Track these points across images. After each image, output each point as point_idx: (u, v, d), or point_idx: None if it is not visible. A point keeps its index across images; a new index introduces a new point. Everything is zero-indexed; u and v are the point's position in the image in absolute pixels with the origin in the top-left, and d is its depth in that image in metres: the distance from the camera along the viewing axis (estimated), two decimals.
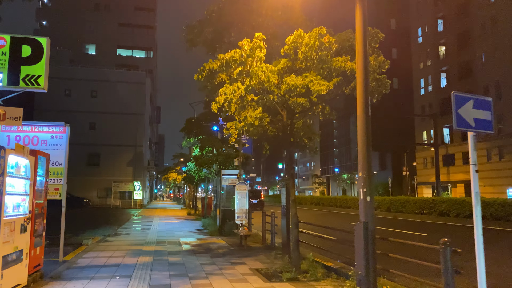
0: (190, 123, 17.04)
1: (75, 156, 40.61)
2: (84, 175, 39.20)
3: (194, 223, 18.70)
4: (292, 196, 7.53)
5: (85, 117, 39.71)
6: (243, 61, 6.06)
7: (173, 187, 64.54)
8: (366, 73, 5.39)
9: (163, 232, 14.69)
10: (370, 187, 5.35)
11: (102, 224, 18.41)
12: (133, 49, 62.69)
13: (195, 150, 18.32)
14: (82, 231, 14.78)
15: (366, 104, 5.42)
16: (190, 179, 25.59)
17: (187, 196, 37.82)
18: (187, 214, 26.33)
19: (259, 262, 8.35)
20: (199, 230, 15.33)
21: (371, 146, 5.55)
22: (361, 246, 5.25)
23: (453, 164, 41.05)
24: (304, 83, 5.92)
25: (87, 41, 59.29)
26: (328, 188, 69.04)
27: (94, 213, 28.65)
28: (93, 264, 8.06)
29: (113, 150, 40.18)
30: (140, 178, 40.37)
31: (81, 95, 39.96)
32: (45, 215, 6.65)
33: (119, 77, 41.54)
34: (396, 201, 22.45)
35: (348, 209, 27.72)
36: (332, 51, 6.18)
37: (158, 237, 12.94)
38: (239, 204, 12.81)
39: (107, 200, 39.03)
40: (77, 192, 37.11)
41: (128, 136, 40.65)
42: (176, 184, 52.13)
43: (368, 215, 5.30)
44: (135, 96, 41.24)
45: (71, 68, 41.75)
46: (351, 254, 8.30)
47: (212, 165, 16.96)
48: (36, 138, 8.23)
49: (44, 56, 6.74)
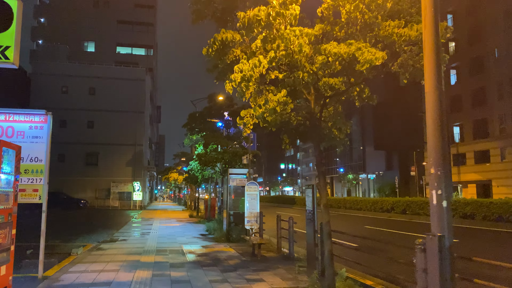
0: (193, 118, 15.64)
1: (72, 155, 39.48)
2: (82, 175, 37.85)
3: (197, 227, 17.30)
4: (323, 199, 6.10)
5: (83, 115, 38.36)
6: (270, 23, 4.65)
7: (173, 188, 63.12)
8: (436, 31, 3.98)
9: (164, 237, 13.29)
10: (448, 188, 3.92)
11: (98, 228, 17.02)
12: (132, 47, 61.53)
13: (198, 148, 16.93)
14: (74, 236, 13.39)
15: (438, 74, 3.99)
16: (193, 180, 24.19)
17: (189, 197, 36.42)
18: (189, 217, 24.95)
19: (279, 278, 6.93)
20: (204, 235, 13.93)
21: (446, 133, 4.12)
22: (436, 268, 3.83)
23: (463, 164, 39.62)
24: (350, 51, 4.50)
25: (86, 39, 58.03)
26: (332, 189, 67.60)
27: (91, 215, 27.26)
28: (79, 281, 6.65)
29: (112, 149, 38.81)
30: (139, 179, 38.97)
31: (79, 93, 38.58)
32: (14, 223, 5.23)
33: (118, 73, 40.15)
34: (413, 203, 21.00)
35: (359, 211, 26.31)
36: (386, 10, 4.76)
37: (159, 244, 11.54)
38: (249, 207, 11.42)
39: (105, 201, 37.63)
40: (74, 193, 35.77)
41: (128, 135, 39.26)
42: (177, 185, 50.73)
43: (445, 226, 3.88)
44: (134, 93, 39.85)
45: (68, 64, 40.36)
46: (387, 267, 6.95)
47: (217, 164, 15.57)
48: (11, 128, 6.83)
49: (14, 23, 5.33)
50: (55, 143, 37.26)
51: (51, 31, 51.91)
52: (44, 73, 37.78)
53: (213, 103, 15.43)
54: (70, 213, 28.35)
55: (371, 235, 13.79)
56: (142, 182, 41.03)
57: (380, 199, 25.15)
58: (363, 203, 26.04)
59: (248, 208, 11.41)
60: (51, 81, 37.96)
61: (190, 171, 20.44)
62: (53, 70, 38.27)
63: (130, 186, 37.38)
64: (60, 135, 37.74)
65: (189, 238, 13.22)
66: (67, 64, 40.14)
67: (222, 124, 16.65)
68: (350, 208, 27.73)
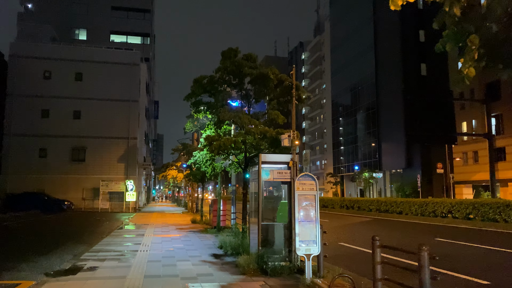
0: (200, 85, 10.80)
1: (55, 150, 34.60)
2: (67, 173, 33.04)
3: (204, 240, 12.52)
4: None
5: (68, 104, 33.50)
6: None
7: (172, 187, 58.15)
8: None
9: (157, 263, 8.50)
10: None
11: (68, 241, 12.24)
12: (128, 35, 57.20)
13: (206, 130, 12.11)
14: (19, 260, 8.66)
15: None
16: (197, 176, 19.40)
17: (189, 198, 31.58)
18: (191, 222, 20.18)
19: None
20: (219, 258, 9.13)
21: None
22: None
23: (503, 160, 34.87)
24: None
25: (77, 26, 53.82)
26: (342, 189, 62.84)
27: (72, 220, 22.48)
28: None
29: (101, 143, 33.94)
30: (133, 177, 34.12)
31: (64, 78, 33.67)
32: None
33: (109, 57, 35.23)
34: (484, 205, 16.18)
35: (399, 216, 21.53)
36: None
37: (147, 280, 6.76)
38: (303, 217, 6.68)
39: (94, 203, 32.78)
40: (58, 193, 31.00)
41: (120, 126, 34.39)
42: (176, 184, 45.85)
43: None
44: (128, 79, 34.96)
45: (51, 45, 35.43)
46: None
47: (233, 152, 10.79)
48: None
49: None
50: (35, 136, 32.29)
51: (40, 17, 47.15)
52: (23, 56, 32.88)
53: (228, 62, 10.61)
54: (47, 218, 23.54)
55: (483, 258, 9.03)
56: (137, 181, 36.19)
57: (430, 200, 20.35)
58: (405, 206, 21.23)
59: (301, 219, 6.65)
60: (32, 65, 33.09)
61: (194, 164, 15.63)
62: (34, 52, 33.39)
63: (123, 185, 32.53)
64: (42, 126, 32.97)
65: (196, 263, 8.43)
66: (50, 46, 35.20)
67: (239, 102, 11.84)
68: (386, 211, 22.94)
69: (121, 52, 36.77)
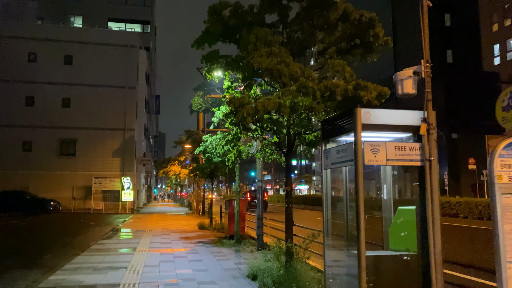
0: (220, 20, 6.75)
1: (42, 142, 30.66)
2: (55, 169, 29.11)
3: (223, 260, 8.48)
4: None
5: (56, 90, 29.52)
6: None
7: (174, 186, 54.09)
8: None
9: None
10: None
11: (21, 261, 8.22)
12: (126, 22, 53.47)
13: (230, 90, 8.01)
14: None
15: None
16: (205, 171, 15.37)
17: (195, 197, 27.55)
18: (198, 228, 16.17)
19: None
20: None
21: None
22: None
23: None
24: None
25: (73, 12, 50.19)
26: None
27: (52, 225, 18.50)
28: None
29: (94, 135, 29.94)
30: (130, 173, 30.13)
31: (51, 61, 29.66)
32: None
33: (102, 38, 31.19)
34: None
35: (465, 221, 17.40)
36: None
37: None
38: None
39: (86, 203, 28.81)
40: (44, 191, 27.05)
41: (115, 116, 30.40)
42: (178, 182, 41.82)
43: None
44: (124, 63, 30.94)
45: (37, 24, 31.43)
46: None
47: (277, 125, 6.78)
48: None
49: None
50: (18, 127, 27.28)
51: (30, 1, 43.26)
52: (5, 35, 28.90)
53: None
54: (24, 222, 19.52)
55: None
56: (135, 178, 32.25)
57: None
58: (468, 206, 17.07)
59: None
60: (15, 46, 29.11)
61: (203, 153, 11.58)
62: (17, 31, 29.40)
63: (118, 183, 28.54)
64: (26, 116, 29.00)
65: None
66: (36, 24, 31.25)
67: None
68: (447, 214, 18.58)
69: (117, 32, 32.92)
